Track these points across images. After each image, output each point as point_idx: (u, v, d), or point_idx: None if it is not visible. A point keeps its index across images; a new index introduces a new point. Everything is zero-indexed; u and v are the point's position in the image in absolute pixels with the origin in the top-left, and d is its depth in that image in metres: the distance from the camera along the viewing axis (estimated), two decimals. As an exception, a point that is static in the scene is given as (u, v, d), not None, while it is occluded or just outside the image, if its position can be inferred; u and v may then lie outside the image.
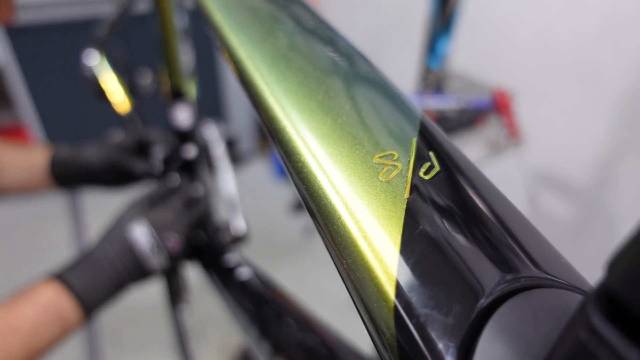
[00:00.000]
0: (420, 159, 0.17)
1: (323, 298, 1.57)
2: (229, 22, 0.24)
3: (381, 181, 0.16)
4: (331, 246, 0.16)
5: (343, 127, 0.18)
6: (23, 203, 1.99)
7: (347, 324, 0.36)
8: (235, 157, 2.30)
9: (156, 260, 0.54)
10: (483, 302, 0.13)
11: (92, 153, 0.68)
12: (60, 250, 1.81)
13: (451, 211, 0.16)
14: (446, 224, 0.15)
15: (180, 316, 0.69)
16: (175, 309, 0.69)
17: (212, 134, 0.90)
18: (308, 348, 0.33)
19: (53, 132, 1.93)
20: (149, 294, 1.53)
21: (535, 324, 0.13)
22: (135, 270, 0.53)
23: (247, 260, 0.58)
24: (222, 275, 0.54)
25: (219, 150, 0.89)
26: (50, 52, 1.75)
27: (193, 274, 0.75)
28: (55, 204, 2.05)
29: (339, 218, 0.15)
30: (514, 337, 0.13)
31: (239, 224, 0.73)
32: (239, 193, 0.80)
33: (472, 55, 1.27)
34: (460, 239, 0.15)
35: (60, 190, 0.72)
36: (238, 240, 0.71)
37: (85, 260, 0.51)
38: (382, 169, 0.16)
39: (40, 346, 0.45)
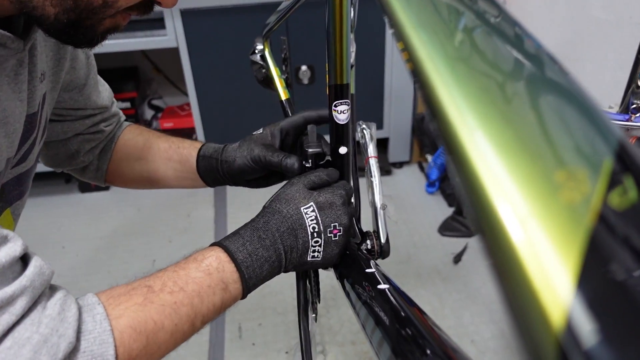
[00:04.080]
0: (612, 185, 0.17)
1: (463, 339, 1.51)
2: (410, 19, 0.26)
3: (561, 202, 0.16)
4: (493, 260, 0.17)
5: (524, 138, 0.18)
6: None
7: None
8: (386, 162, 2.33)
9: (316, 247, 0.58)
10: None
11: (234, 149, 0.74)
12: (199, 230, 2.07)
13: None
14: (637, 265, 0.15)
15: (308, 324, 0.73)
16: (305, 315, 0.73)
17: (366, 134, 0.94)
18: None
19: (207, 114, 2.20)
20: (274, 297, 1.66)
21: None
22: (294, 252, 0.57)
23: (386, 274, 0.60)
24: (358, 284, 0.56)
25: (370, 152, 0.92)
26: (214, 36, 2.00)
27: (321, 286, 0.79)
28: (200, 190, 2.35)
29: (507, 235, 0.16)
30: None
31: (380, 234, 0.74)
32: (384, 201, 0.82)
33: None
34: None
35: (209, 186, 0.80)
36: (378, 252, 0.73)
37: (247, 232, 0.57)
38: (564, 188, 0.17)
39: (200, 309, 0.52)
